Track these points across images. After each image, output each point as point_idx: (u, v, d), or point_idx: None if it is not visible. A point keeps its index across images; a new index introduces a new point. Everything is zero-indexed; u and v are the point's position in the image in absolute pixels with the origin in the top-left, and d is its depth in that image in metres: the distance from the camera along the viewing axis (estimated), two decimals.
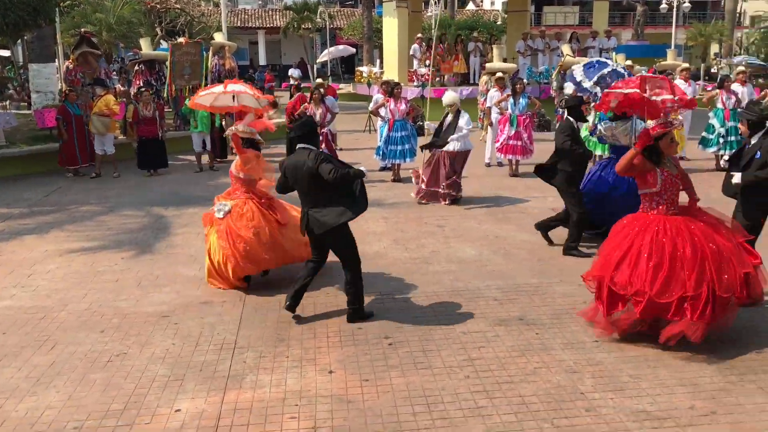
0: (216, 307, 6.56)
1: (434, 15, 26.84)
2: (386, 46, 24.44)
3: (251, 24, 46.39)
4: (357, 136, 18.65)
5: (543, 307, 6.43)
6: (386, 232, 9.18)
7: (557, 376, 5.09)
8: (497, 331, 5.90)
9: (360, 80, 24.46)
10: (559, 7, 48.91)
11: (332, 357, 5.46)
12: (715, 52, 39.04)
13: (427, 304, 6.57)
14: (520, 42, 23.09)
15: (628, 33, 41.74)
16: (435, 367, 5.27)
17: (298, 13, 39.80)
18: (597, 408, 4.63)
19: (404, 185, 11.98)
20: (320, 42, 43.68)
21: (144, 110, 13.57)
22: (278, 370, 5.27)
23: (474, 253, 8.16)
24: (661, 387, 4.90)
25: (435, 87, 21.57)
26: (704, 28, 38.52)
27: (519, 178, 12.74)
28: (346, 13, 48.75)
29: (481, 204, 10.66)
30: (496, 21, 40.37)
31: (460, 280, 7.22)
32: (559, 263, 7.75)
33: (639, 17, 26.87)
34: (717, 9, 48.70)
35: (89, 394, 4.91)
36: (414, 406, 4.69)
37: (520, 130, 12.86)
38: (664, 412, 4.57)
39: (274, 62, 46.87)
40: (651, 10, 36.88)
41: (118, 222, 9.99)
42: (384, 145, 12.46)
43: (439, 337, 5.79)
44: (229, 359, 5.46)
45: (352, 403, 4.75)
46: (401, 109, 12.38)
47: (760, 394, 4.79)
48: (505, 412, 4.59)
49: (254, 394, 4.90)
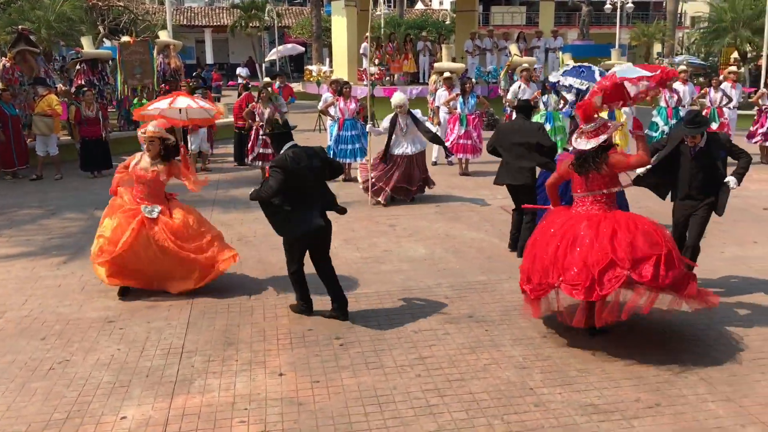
0: (163, 311, 6.43)
1: (383, 14, 26.91)
2: (335, 44, 24.39)
3: (198, 22, 45.77)
4: (307, 135, 18.51)
5: (493, 304, 6.49)
6: (337, 231, 9.06)
7: (507, 372, 5.13)
8: (448, 329, 5.92)
9: (309, 79, 24.33)
10: (506, 7, 49.56)
11: (282, 359, 5.40)
12: (657, 51, 40.03)
13: (378, 303, 6.56)
14: (469, 41, 23.29)
15: (573, 33, 42.56)
16: (386, 366, 5.26)
17: (246, 12, 39.46)
18: (546, 403, 4.69)
19: (355, 184, 11.94)
20: (269, 40, 43.37)
21: (86, 110, 13.22)
22: (227, 373, 5.18)
23: (425, 252, 8.19)
24: (608, 380, 4.99)
25: (385, 86, 21.64)
26: (647, 28, 39.50)
27: (469, 176, 12.84)
28: (295, 12, 48.51)
29: (432, 203, 10.70)
30: (445, 20, 40.72)
31: (412, 279, 7.23)
32: (508, 261, 7.83)
33: (584, 17, 27.45)
34: (659, 10, 49.98)
35: (30, 404, 4.75)
36: (365, 407, 4.67)
37: (469, 130, 12.97)
38: (611, 405, 4.66)
39: (222, 61, 46.35)
40: (596, 11, 37.63)
41: (60, 225, 9.70)
42: (334, 144, 12.40)
43: (390, 337, 5.79)
44: (176, 364, 5.35)
45: (302, 406, 4.70)
46: (351, 108, 12.35)
47: (702, 385, 4.91)
48: (456, 410, 4.61)
49: (203, 399, 4.81)
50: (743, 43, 26.62)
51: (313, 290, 6.30)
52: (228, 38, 45.24)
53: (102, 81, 16.87)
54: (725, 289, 6.80)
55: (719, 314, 6.13)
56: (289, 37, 41.57)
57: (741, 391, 4.82)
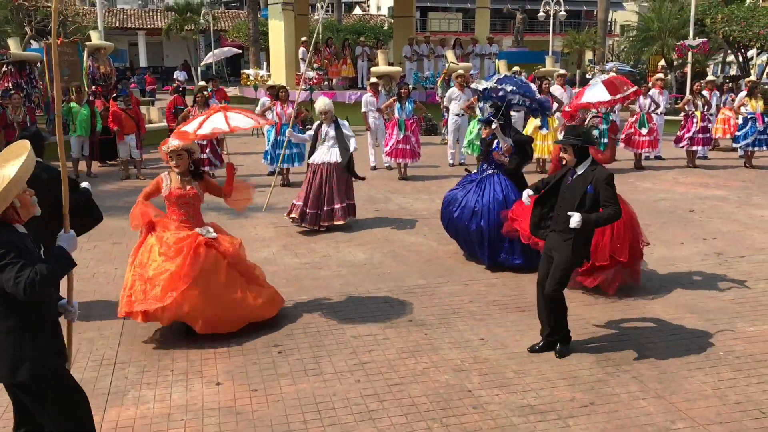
0: (95, 322, 6.23)
1: (321, 18, 26.84)
2: (273, 49, 24.16)
3: (130, 24, 44.70)
4: (245, 140, 18.32)
5: (431, 308, 6.53)
6: (275, 237, 9.05)
7: (445, 376, 5.17)
8: (387, 334, 5.93)
9: (246, 83, 24.02)
10: (443, 14, 50.20)
11: (219, 368, 5.31)
12: (589, 58, 41.12)
13: (317, 309, 6.52)
14: (407, 47, 23.46)
15: (508, 40, 43.29)
16: (326, 373, 5.23)
17: (181, 14, 38.73)
18: (484, 405, 4.74)
19: (294, 189, 11.86)
20: (204, 44, 42.69)
21: (13, 114, 12.74)
22: (162, 384, 5.07)
23: (364, 257, 8.19)
24: (543, 381, 5.09)
25: (323, 90, 21.58)
26: (579, 36, 40.53)
27: (407, 181, 12.91)
28: (231, 15, 47.90)
29: (371, 207, 10.71)
30: (383, 26, 40.89)
31: (351, 284, 7.21)
32: (446, 264, 7.90)
33: (518, 25, 27.88)
34: (590, 18, 51.36)
35: None
36: (305, 414, 4.64)
37: (408, 134, 13.03)
38: (547, 405, 4.74)
39: (156, 64, 45.37)
40: (529, 18, 38.37)
41: None
42: (272, 149, 12.31)
43: (329, 343, 5.76)
44: (109, 376, 5.20)
45: (240, 415, 4.63)
46: (288, 112, 12.27)
47: (634, 383, 5.06)
48: (396, 414, 4.62)
49: (137, 411, 4.69)
50: (670, 52, 27.60)
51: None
52: (163, 41, 44.32)
53: (30, 84, 16.31)
54: (653, 289, 7.03)
55: (648, 314, 6.33)
56: (226, 40, 41.01)
57: (670, 388, 4.98)
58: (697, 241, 8.84)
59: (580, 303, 6.59)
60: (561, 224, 5.37)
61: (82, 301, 6.70)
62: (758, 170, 14.31)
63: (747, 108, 14.56)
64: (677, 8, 29.18)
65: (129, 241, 7.55)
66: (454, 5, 51.01)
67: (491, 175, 7.83)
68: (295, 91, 13.17)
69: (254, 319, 5.98)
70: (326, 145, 9.33)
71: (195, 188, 5.94)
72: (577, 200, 5.28)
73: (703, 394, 4.89)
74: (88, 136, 13.34)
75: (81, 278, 7.36)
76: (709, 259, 8.12)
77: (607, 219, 5.34)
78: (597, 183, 5.26)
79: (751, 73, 22.57)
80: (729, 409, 4.69)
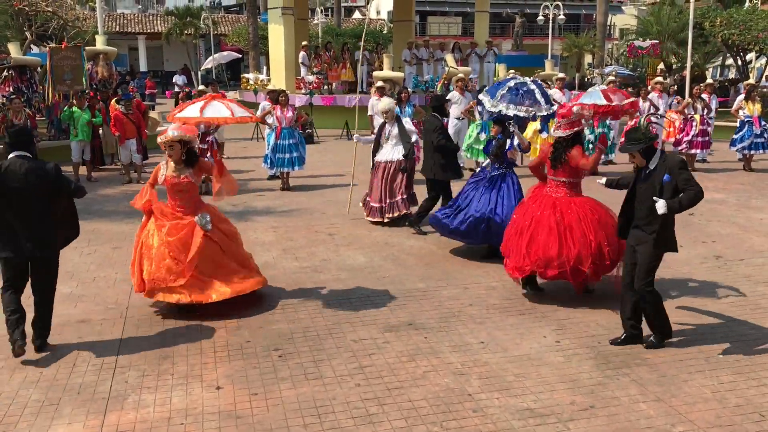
0: (95, 326, 6.24)
1: (320, 23, 26.91)
2: (272, 53, 24.17)
3: (131, 29, 44.74)
4: (245, 144, 18.36)
5: (431, 311, 6.54)
6: (275, 241, 9.06)
7: (446, 379, 5.18)
8: (387, 338, 5.94)
9: (246, 87, 24.05)
10: (442, 18, 50.26)
11: (220, 372, 5.32)
12: (588, 62, 41.18)
13: (317, 313, 6.53)
14: (406, 51, 23.50)
15: (508, 43, 43.42)
16: (326, 377, 5.23)
17: (181, 19, 38.81)
18: (484, 408, 4.75)
19: (293, 194, 11.89)
20: (204, 48, 42.76)
21: (14, 119, 12.76)
22: (162, 388, 5.07)
23: (364, 261, 8.19)
24: (543, 384, 5.09)
25: (323, 95, 21.62)
26: (578, 39, 40.61)
27: None
28: (231, 20, 47.93)
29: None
30: (382, 30, 40.95)
31: (351, 288, 7.22)
32: (446, 268, 7.91)
33: (518, 29, 28.01)
34: (589, 22, 51.41)
35: None
36: (305, 418, 4.64)
37: None
38: (546, 408, 4.75)
39: (156, 68, 45.42)
40: (529, 22, 38.47)
41: None
42: (272, 153, 12.31)
43: (329, 347, 5.77)
44: (109, 380, 5.21)
45: (240, 419, 4.64)
46: (288, 116, 12.29)
47: (634, 386, 5.06)
48: (396, 418, 4.62)
49: (137, 415, 4.69)
50: (669, 55, 27.67)
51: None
52: (163, 46, 44.38)
53: (31, 89, 16.34)
54: None
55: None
56: (226, 44, 41.05)
57: (670, 391, 4.98)
58: (696, 244, 8.85)
59: (580, 306, 6.60)
60: (643, 219, 5.56)
61: (82, 304, 6.73)
62: (757, 173, 14.33)
63: (744, 111, 14.58)
64: (676, 12, 29.23)
65: (129, 245, 7.55)
66: (453, 9, 51.09)
67: (503, 175, 8.23)
68: (296, 95, 13.18)
69: (232, 286, 6.38)
70: (390, 143, 9.85)
71: (189, 176, 6.34)
72: (657, 191, 5.43)
73: (703, 397, 4.90)
74: (89, 140, 13.37)
75: (81, 282, 7.39)
76: (708, 262, 8.13)
77: (690, 200, 5.38)
78: (672, 170, 5.41)
79: (750, 76, 22.64)
80: (729, 412, 4.69)
